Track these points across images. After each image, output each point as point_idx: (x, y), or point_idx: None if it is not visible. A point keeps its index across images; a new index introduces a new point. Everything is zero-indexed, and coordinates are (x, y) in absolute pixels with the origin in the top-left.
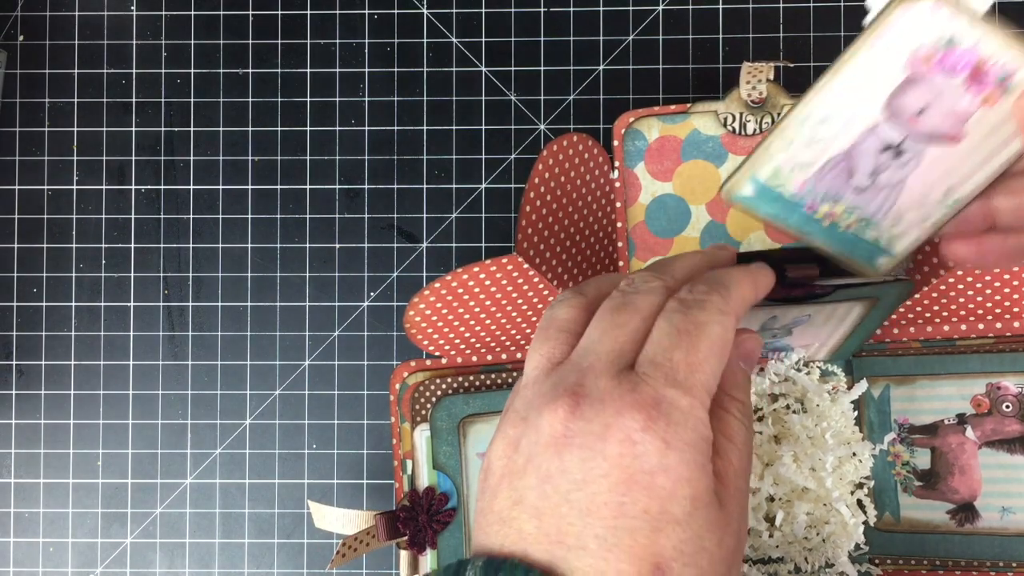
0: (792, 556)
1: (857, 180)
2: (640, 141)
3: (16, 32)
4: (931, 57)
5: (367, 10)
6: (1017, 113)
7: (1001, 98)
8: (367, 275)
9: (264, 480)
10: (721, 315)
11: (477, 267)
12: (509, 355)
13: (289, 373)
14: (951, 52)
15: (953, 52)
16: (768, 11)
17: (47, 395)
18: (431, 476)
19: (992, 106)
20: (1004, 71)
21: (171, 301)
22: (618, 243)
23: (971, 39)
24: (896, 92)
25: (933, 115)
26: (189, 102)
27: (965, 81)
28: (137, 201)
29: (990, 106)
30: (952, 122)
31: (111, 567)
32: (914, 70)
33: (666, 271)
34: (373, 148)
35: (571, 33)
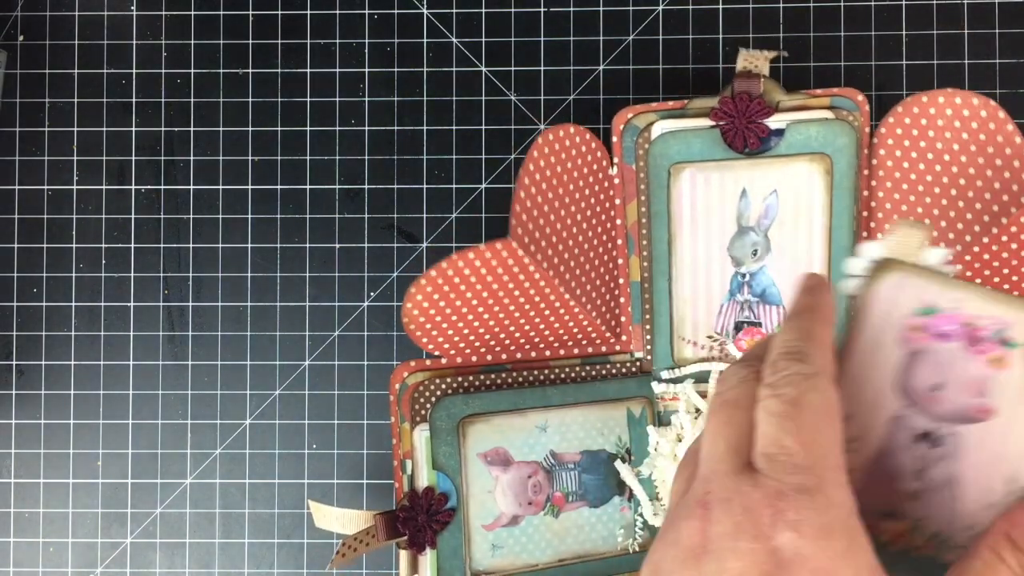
0: None
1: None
2: None
3: (16, 32)
4: (920, 327)
5: (367, 10)
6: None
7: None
8: (367, 275)
9: (264, 480)
10: (810, 380)
11: (472, 252)
12: (509, 355)
13: (289, 373)
14: (936, 319)
15: (937, 319)
16: (768, 11)
17: (47, 395)
18: (431, 476)
19: (1006, 368)
20: (998, 328)
21: (171, 301)
22: (617, 240)
23: (949, 302)
24: (904, 372)
25: (950, 390)
26: (189, 102)
27: (964, 346)
28: (137, 201)
29: (1003, 368)
30: (972, 393)
31: (111, 567)
32: (912, 344)
33: (751, 354)
34: (373, 148)
35: (571, 33)
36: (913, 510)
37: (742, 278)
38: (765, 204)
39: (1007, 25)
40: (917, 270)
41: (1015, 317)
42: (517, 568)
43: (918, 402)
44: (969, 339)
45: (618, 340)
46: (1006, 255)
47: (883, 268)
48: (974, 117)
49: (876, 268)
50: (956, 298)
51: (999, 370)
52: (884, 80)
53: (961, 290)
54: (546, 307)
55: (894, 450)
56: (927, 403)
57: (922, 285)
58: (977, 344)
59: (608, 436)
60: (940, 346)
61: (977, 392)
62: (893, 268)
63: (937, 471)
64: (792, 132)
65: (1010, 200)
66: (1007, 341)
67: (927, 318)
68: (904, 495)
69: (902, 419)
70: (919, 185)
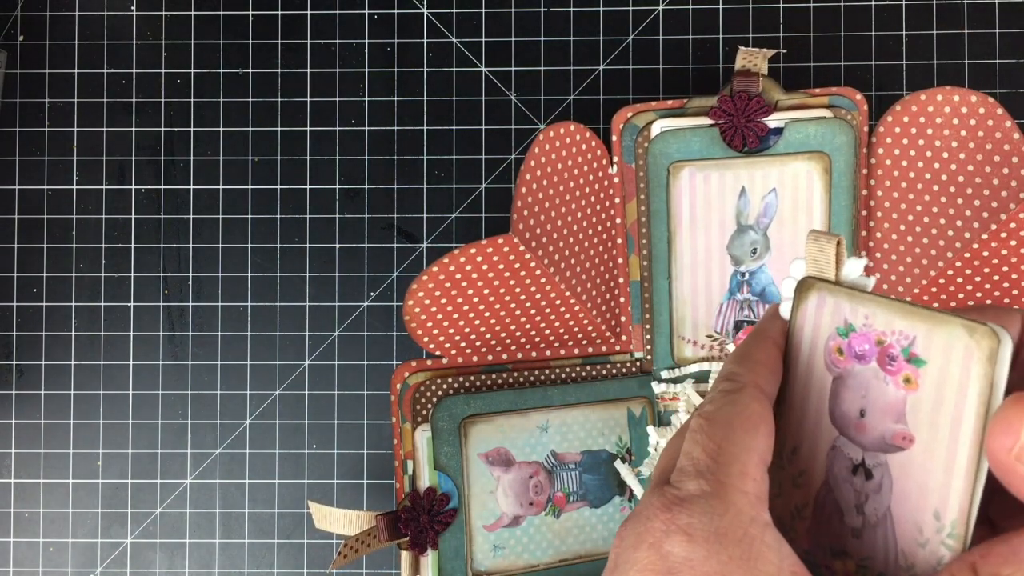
0: None
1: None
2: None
3: (16, 32)
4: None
5: (367, 10)
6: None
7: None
8: (367, 275)
9: (264, 480)
10: (730, 395)
11: (473, 248)
12: (510, 355)
13: (289, 373)
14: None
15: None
16: (768, 11)
17: (47, 395)
18: (432, 477)
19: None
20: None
21: (171, 301)
22: (617, 239)
23: (861, 319)
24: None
25: (873, 416)
26: (189, 102)
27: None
28: (137, 201)
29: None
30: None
31: (111, 567)
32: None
33: None
34: (373, 148)
35: (571, 33)
36: (858, 549)
37: (741, 277)
38: (764, 203)
39: (1007, 25)
40: (831, 287)
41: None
42: (518, 568)
43: (848, 431)
44: (882, 358)
45: (618, 340)
46: (1005, 252)
47: (803, 288)
48: (972, 115)
49: (799, 288)
50: (866, 313)
51: (911, 391)
52: (884, 80)
53: (870, 304)
54: (546, 304)
55: (837, 483)
56: (856, 432)
57: (837, 304)
58: (890, 363)
59: (609, 436)
60: (859, 368)
61: (895, 417)
62: (812, 288)
63: (873, 505)
64: (791, 131)
65: (1008, 197)
66: (914, 358)
67: (845, 338)
68: (849, 532)
69: (839, 450)
70: (918, 183)
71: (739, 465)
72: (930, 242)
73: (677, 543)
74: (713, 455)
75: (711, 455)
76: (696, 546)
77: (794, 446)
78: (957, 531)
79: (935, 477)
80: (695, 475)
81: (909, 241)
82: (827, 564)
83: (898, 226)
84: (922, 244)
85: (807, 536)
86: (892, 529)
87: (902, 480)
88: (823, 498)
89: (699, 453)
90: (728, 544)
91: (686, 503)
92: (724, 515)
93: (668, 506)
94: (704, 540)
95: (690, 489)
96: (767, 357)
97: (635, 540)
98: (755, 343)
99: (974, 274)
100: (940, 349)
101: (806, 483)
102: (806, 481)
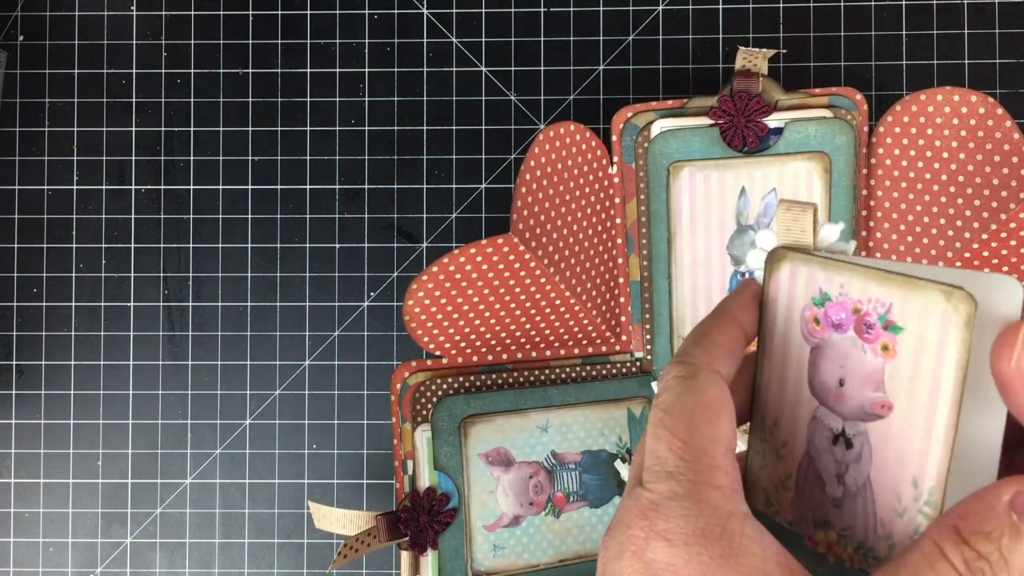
0: None
1: (830, 489)
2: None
3: (16, 32)
4: (817, 319)
5: (367, 10)
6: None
7: (896, 343)
8: (367, 275)
9: (264, 480)
10: (685, 382)
11: (473, 248)
12: (510, 355)
13: (289, 373)
14: (828, 307)
15: (829, 307)
16: (768, 11)
17: (47, 395)
18: (432, 476)
19: (894, 357)
20: (881, 310)
21: (171, 301)
22: (617, 239)
23: (836, 288)
24: (811, 368)
25: (852, 385)
26: (189, 102)
27: (856, 335)
28: (137, 201)
29: (892, 357)
30: (870, 387)
31: (111, 567)
32: (814, 338)
33: None
34: (373, 148)
35: (571, 33)
36: (839, 518)
37: (741, 277)
38: (764, 202)
39: (1007, 25)
40: (805, 257)
41: (895, 296)
42: (518, 568)
43: (828, 400)
44: (859, 326)
45: (618, 340)
46: (1005, 252)
47: (775, 258)
48: (972, 114)
49: (770, 259)
50: (841, 281)
51: (889, 359)
52: (884, 80)
53: (845, 272)
54: (546, 304)
55: (818, 453)
56: (836, 401)
57: (811, 273)
58: (867, 331)
59: (609, 436)
60: (837, 337)
61: (874, 385)
62: (784, 257)
63: (852, 475)
64: (791, 131)
65: (1009, 196)
66: (891, 325)
67: (821, 308)
68: (830, 502)
69: (819, 420)
70: (918, 183)
71: (707, 459)
72: (930, 242)
73: (658, 549)
74: (679, 452)
75: (677, 453)
76: (677, 550)
77: (775, 418)
78: (934, 499)
79: (913, 444)
80: (665, 476)
81: (909, 241)
82: (810, 535)
83: (898, 226)
84: (922, 244)
85: (791, 508)
86: (871, 498)
87: (881, 448)
88: (805, 469)
89: (664, 451)
90: (708, 543)
91: (660, 508)
92: (700, 515)
93: (644, 512)
94: (684, 543)
95: (662, 491)
96: (725, 336)
97: (618, 550)
98: (713, 321)
99: None
100: (917, 315)
101: (788, 454)
102: (788, 452)
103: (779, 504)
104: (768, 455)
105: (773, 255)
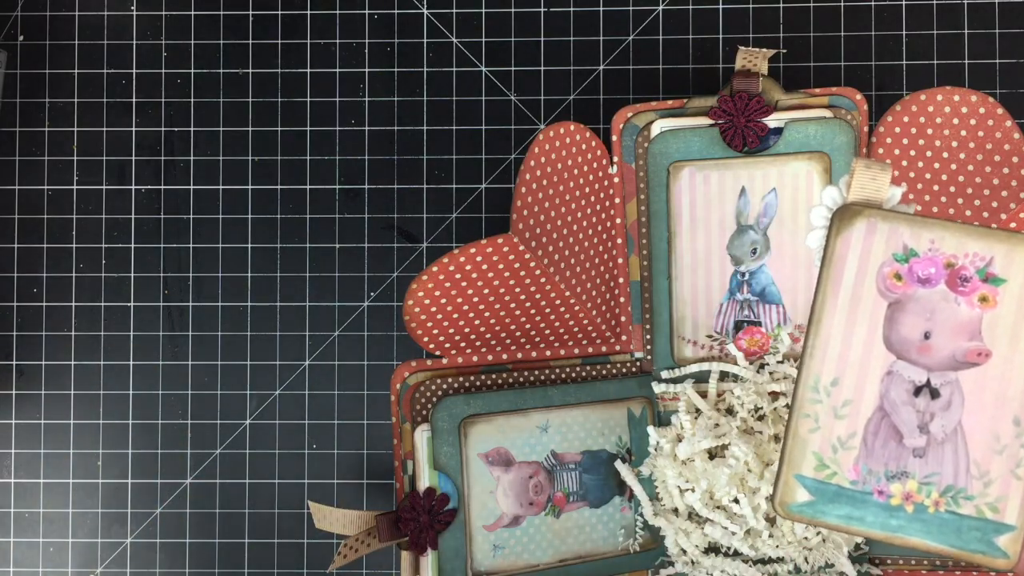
0: (792, 556)
1: (910, 440)
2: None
3: (16, 32)
4: (899, 275)
5: (367, 10)
6: None
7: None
8: (367, 275)
9: (264, 480)
10: None
11: (473, 247)
12: (510, 355)
13: (289, 373)
14: (915, 264)
15: (916, 263)
16: (768, 11)
17: (47, 395)
18: (432, 477)
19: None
20: (979, 264)
21: (171, 301)
22: (617, 239)
23: (925, 244)
24: (889, 324)
25: (941, 337)
26: (189, 102)
27: (948, 288)
28: (137, 201)
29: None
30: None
31: (111, 567)
32: (894, 293)
33: None
34: (373, 148)
35: (571, 33)
36: (920, 467)
37: (741, 277)
38: (764, 202)
39: (1007, 25)
40: (883, 214)
41: (996, 250)
42: (518, 568)
43: (910, 354)
44: (953, 280)
45: (618, 340)
46: None
47: (848, 215)
48: (972, 114)
49: (840, 216)
50: (932, 238)
51: (988, 309)
52: (884, 80)
53: (937, 228)
54: (546, 304)
55: (895, 407)
56: (919, 354)
57: (893, 229)
58: (962, 285)
59: (609, 436)
60: (923, 292)
61: (970, 335)
62: (859, 214)
63: (940, 423)
64: (791, 131)
65: (1009, 196)
66: (991, 277)
67: (905, 264)
68: (910, 453)
69: (896, 374)
70: (918, 183)
71: None
72: None
73: None
74: None
75: None
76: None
77: (834, 377)
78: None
79: (1016, 385)
80: None
81: None
82: (881, 489)
83: None
84: None
85: (854, 466)
86: (963, 442)
87: (975, 394)
88: (877, 424)
89: None
90: None
91: None
92: None
93: None
94: None
95: None
96: None
97: None
98: None
99: None
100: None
101: (852, 412)
102: (852, 411)
103: (837, 465)
104: (823, 416)
105: (845, 212)
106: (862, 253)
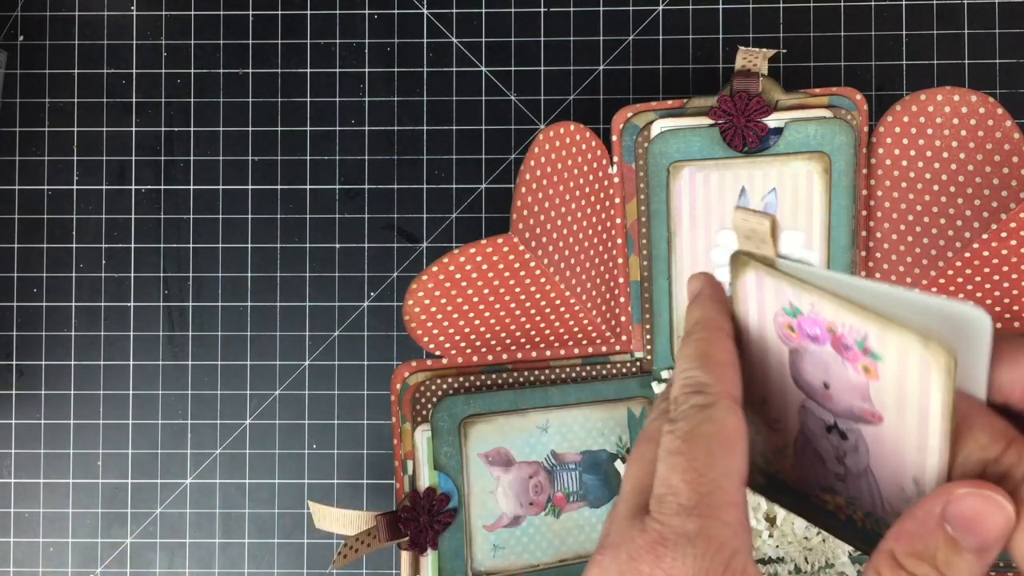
0: (792, 556)
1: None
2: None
3: (16, 32)
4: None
5: (367, 10)
6: None
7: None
8: (367, 275)
9: (264, 480)
10: (705, 411)
11: (473, 247)
12: (510, 355)
13: (289, 373)
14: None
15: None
16: (768, 11)
17: (47, 395)
18: (432, 477)
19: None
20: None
21: (171, 301)
22: (617, 239)
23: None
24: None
25: (838, 390)
26: (189, 102)
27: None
28: (137, 201)
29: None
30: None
31: (111, 567)
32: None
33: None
34: (373, 148)
35: (571, 33)
36: (844, 489)
37: None
38: (764, 203)
39: (1007, 25)
40: (768, 268)
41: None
42: (518, 568)
43: (815, 397)
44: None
45: (618, 340)
46: (1005, 252)
47: (738, 264)
48: (972, 114)
49: (732, 262)
50: (811, 301)
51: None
52: (884, 80)
53: (814, 293)
54: (546, 304)
55: (814, 437)
56: (823, 400)
57: (777, 285)
58: (845, 351)
59: (609, 436)
60: (814, 347)
61: (861, 397)
62: (748, 264)
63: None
64: (791, 131)
65: (1009, 196)
66: (869, 352)
67: (794, 318)
68: (833, 476)
69: (808, 410)
70: (918, 183)
71: (721, 493)
72: (930, 242)
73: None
74: (695, 485)
75: (693, 485)
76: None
77: (762, 397)
78: None
79: (910, 452)
80: (678, 511)
81: (909, 241)
82: (817, 495)
83: (898, 226)
84: (922, 244)
85: (792, 471)
86: (875, 481)
87: (877, 447)
88: (802, 446)
89: (679, 482)
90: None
91: (669, 545)
92: (706, 554)
93: (653, 547)
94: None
95: (674, 526)
96: (725, 354)
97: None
98: (711, 341)
99: (974, 274)
100: (895, 350)
101: (783, 429)
102: (782, 427)
103: (779, 465)
104: (761, 426)
105: (736, 259)
106: (757, 301)
